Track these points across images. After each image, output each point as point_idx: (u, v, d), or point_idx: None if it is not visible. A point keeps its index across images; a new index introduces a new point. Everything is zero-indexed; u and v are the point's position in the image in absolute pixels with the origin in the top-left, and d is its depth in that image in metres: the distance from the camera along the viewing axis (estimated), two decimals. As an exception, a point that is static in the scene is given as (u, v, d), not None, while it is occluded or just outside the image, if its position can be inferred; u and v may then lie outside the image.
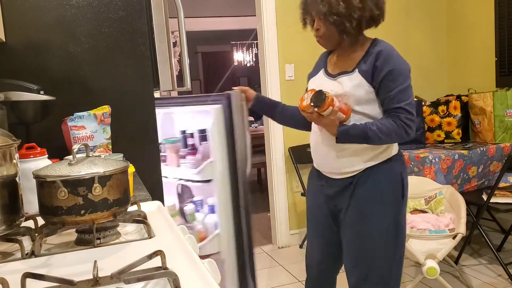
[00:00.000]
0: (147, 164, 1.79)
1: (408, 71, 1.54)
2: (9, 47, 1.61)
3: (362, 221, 1.59)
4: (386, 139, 1.51)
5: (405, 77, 1.52)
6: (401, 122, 1.49)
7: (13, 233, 0.90)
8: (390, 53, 1.56)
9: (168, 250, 0.78)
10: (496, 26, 3.34)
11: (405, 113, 1.50)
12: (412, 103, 1.52)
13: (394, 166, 1.59)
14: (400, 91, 1.50)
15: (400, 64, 1.54)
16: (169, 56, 1.79)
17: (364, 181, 1.57)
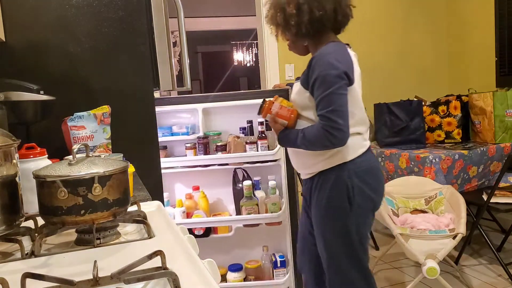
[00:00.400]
0: (147, 164, 1.79)
1: (334, 76, 1.47)
2: (9, 47, 1.61)
3: (315, 224, 1.67)
4: (311, 146, 1.54)
5: (329, 84, 1.47)
6: (323, 130, 1.48)
7: (13, 233, 0.90)
8: (319, 59, 1.52)
9: (168, 250, 0.78)
10: (496, 26, 3.34)
11: (325, 120, 1.48)
12: (336, 110, 1.46)
13: (341, 175, 1.56)
14: (322, 98, 1.48)
15: (325, 71, 1.49)
16: (169, 56, 1.79)
17: (316, 186, 1.62)
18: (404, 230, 2.31)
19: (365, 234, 1.64)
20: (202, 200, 2.49)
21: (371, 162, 1.62)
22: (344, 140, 1.49)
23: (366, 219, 1.62)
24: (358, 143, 1.60)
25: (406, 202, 2.72)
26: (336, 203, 1.57)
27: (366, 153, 1.62)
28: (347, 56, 1.55)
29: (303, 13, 1.56)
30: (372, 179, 1.60)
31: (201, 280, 0.69)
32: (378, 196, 1.64)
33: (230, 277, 2.50)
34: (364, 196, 1.58)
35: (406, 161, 2.89)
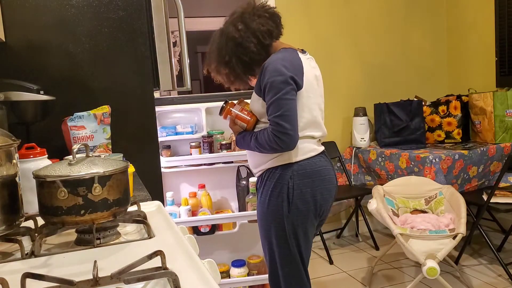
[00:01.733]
0: (147, 164, 1.79)
1: (281, 82, 1.50)
2: (9, 47, 1.61)
3: (258, 220, 1.72)
4: (262, 149, 1.58)
5: (276, 89, 1.51)
6: (272, 134, 1.52)
7: (13, 233, 0.90)
8: (268, 66, 1.55)
9: (168, 250, 0.78)
10: (496, 26, 3.34)
11: (273, 125, 1.52)
12: (283, 115, 1.50)
13: (284, 174, 1.59)
14: (271, 103, 1.52)
15: (272, 77, 1.52)
16: (169, 56, 1.79)
17: (262, 182, 1.66)
18: (404, 230, 2.31)
19: (303, 238, 1.63)
20: (206, 198, 2.53)
21: (318, 167, 1.62)
22: (291, 144, 1.52)
23: (305, 223, 1.61)
24: (308, 146, 1.62)
25: (406, 202, 2.72)
26: (276, 201, 1.60)
27: (315, 157, 1.63)
28: (296, 62, 1.57)
29: (235, 66, 1.65)
30: (315, 183, 1.60)
31: (201, 280, 0.69)
32: (320, 201, 1.62)
33: (234, 272, 2.54)
34: (304, 199, 1.58)
35: (406, 161, 2.89)
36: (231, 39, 1.61)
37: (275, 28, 1.65)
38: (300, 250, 1.64)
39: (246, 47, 1.60)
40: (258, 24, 1.61)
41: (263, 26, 1.61)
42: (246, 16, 1.63)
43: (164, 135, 2.51)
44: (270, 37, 1.63)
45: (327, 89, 3.53)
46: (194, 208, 2.50)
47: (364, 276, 2.80)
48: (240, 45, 1.61)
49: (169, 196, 2.43)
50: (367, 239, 3.45)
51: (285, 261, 1.65)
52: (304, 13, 3.40)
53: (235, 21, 1.63)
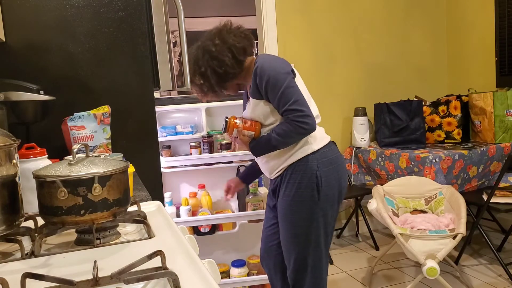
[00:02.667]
0: (147, 164, 1.79)
1: (283, 73, 1.61)
2: (9, 47, 1.61)
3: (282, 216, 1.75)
4: (289, 140, 1.65)
5: (281, 81, 1.60)
6: (293, 122, 1.60)
7: (13, 233, 0.90)
8: (262, 65, 1.64)
9: (168, 250, 0.78)
10: (496, 26, 3.34)
11: (292, 112, 1.60)
12: (297, 100, 1.59)
13: (310, 165, 1.66)
14: (281, 95, 1.60)
15: (273, 71, 1.62)
16: (169, 56, 1.79)
17: (284, 180, 1.71)
18: (404, 230, 2.31)
19: (330, 224, 1.75)
20: (206, 198, 2.53)
21: (335, 153, 1.74)
22: (313, 125, 1.61)
23: (332, 209, 1.72)
24: (321, 132, 1.74)
25: (406, 202, 2.72)
26: (304, 192, 1.67)
27: (329, 144, 1.74)
28: (278, 58, 1.72)
29: (210, 77, 1.74)
30: (337, 169, 1.71)
31: (201, 280, 0.69)
32: (343, 186, 1.75)
33: (234, 272, 2.55)
34: (331, 185, 1.68)
35: (406, 161, 2.89)
36: (207, 52, 1.72)
37: (249, 46, 1.76)
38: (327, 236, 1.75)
39: (221, 60, 1.71)
40: (234, 41, 1.72)
41: (238, 43, 1.72)
42: (224, 33, 1.73)
43: (164, 135, 2.52)
44: (244, 54, 1.74)
45: (327, 89, 3.55)
46: (194, 208, 2.51)
47: (364, 276, 2.80)
48: (216, 58, 1.71)
49: (167, 196, 2.43)
50: (367, 239, 3.45)
51: (314, 249, 1.73)
52: (304, 13, 3.40)
53: (213, 37, 1.74)
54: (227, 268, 2.58)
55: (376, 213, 2.48)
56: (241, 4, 5.66)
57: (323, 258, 1.77)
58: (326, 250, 1.77)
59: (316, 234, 1.71)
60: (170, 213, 2.39)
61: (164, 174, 2.50)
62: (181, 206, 2.48)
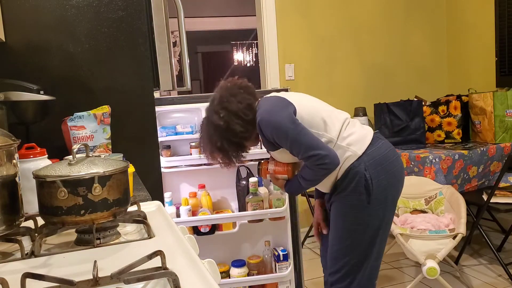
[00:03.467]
0: (147, 164, 1.79)
1: (284, 124, 1.55)
2: (9, 47, 1.61)
3: (333, 221, 1.70)
4: (316, 181, 1.63)
5: (285, 133, 1.56)
6: (313, 167, 1.57)
7: (13, 233, 0.90)
8: (262, 120, 1.60)
9: (168, 250, 0.78)
10: (496, 26, 3.34)
11: (308, 159, 1.56)
12: (308, 146, 1.54)
13: (358, 169, 1.59)
14: (291, 146, 1.57)
15: (274, 124, 1.57)
16: (169, 56, 1.79)
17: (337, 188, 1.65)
18: (404, 230, 2.31)
19: (385, 227, 1.64)
20: (206, 198, 2.54)
21: (384, 151, 1.62)
22: (334, 161, 1.54)
23: (384, 211, 1.62)
24: (359, 132, 1.63)
25: (406, 202, 2.72)
26: (352, 196, 1.60)
27: (376, 142, 1.62)
28: (277, 99, 1.64)
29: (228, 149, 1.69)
30: (387, 169, 1.61)
31: (201, 280, 0.69)
32: (397, 186, 1.65)
33: (234, 272, 2.55)
34: (382, 187, 1.59)
35: (406, 161, 2.89)
36: (217, 127, 1.66)
37: (252, 100, 1.70)
38: (378, 241, 1.65)
39: (232, 129, 1.65)
40: (237, 104, 1.65)
41: (241, 104, 1.66)
42: (224, 100, 1.67)
43: (164, 135, 2.52)
44: (250, 110, 1.67)
45: (327, 89, 3.54)
46: (194, 208, 2.51)
47: (364, 276, 2.80)
48: (227, 129, 1.65)
49: (167, 196, 2.43)
50: (367, 239, 3.44)
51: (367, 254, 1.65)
52: (304, 13, 3.40)
53: (216, 108, 1.67)
54: (227, 268, 2.58)
55: (376, 213, 2.48)
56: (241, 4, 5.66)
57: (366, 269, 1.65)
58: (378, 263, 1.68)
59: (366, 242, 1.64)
60: (170, 213, 2.39)
61: (164, 174, 2.49)
62: (181, 206, 2.48)
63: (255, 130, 1.66)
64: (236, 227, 2.57)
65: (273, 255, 2.60)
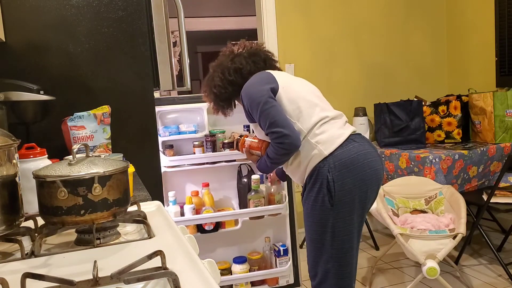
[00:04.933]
0: (147, 164, 1.79)
1: (258, 96, 1.61)
2: (9, 47, 1.61)
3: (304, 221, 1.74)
4: (277, 161, 1.66)
5: (256, 106, 1.62)
6: (274, 144, 1.61)
7: (13, 233, 0.90)
8: (243, 90, 1.70)
9: (168, 250, 0.78)
10: (496, 26, 3.34)
11: (271, 135, 1.60)
12: (273, 122, 1.58)
13: (322, 169, 1.59)
14: (259, 119, 1.63)
15: (250, 96, 1.65)
16: (169, 56, 1.79)
17: (306, 187, 1.66)
18: (404, 230, 2.31)
19: (349, 230, 1.61)
20: (208, 196, 2.57)
21: (353, 154, 1.58)
22: (294, 142, 1.57)
23: (351, 214, 1.60)
24: (332, 133, 1.61)
25: (406, 202, 2.72)
26: (317, 197, 1.60)
27: (346, 144, 1.60)
28: (264, 74, 1.70)
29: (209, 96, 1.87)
30: (354, 172, 1.57)
31: (201, 280, 0.69)
32: (364, 189, 1.60)
33: (235, 269, 2.59)
34: (346, 190, 1.56)
35: (406, 161, 2.89)
36: (209, 75, 1.85)
37: (249, 65, 1.78)
38: (347, 242, 1.63)
39: (213, 79, 1.82)
40: (229, 62, 1.79)
41: (232, 63, 1.78)
42: (226, 53, 1.83)
43: (167, 134, 2.54)
44: (236, 73, 1.77)
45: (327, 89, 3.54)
46: (197, 206, 2.56)
47: (364, 276, 2.80)
48: (211, 78, 1.83)
49: (171, 195, 2.46)
50: (367, 239, 3.45)
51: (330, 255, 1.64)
52: (304, 13, 3.40)
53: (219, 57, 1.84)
54: (229, 265, 2.64)
55: (376, 213, 2.48)
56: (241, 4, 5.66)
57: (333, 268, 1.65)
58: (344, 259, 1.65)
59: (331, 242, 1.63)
60: (174, 212, 2.45)
61: (167, 173, 2.54)
62: (185, 204, 2.52)
63: (236, 94, 1.78)
64: (238, 224, 2.62)
65: (273, 250, 2.66)
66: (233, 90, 1.78)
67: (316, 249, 1.66)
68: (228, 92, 1.79)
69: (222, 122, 2.66)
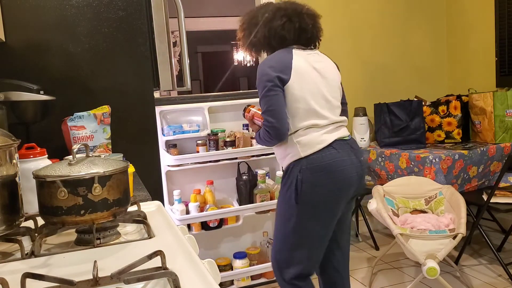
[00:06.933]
0: (147, 164, 1.79)
1: (264, 81, 1.66)
2: (9, 47, 1.61)
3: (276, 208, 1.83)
4: (263, 142, 1.75)
5: (261, 88, 1.67)
6: (263, 128, 1.69)
7: (13, 233, 0.90)
8: (260, 65, 1.72)
9: (168, 250, 0.78)
10: (496, 26, 3.34)
11: (264, 119, 1.68)
12: (268, 110, 1.65)
13: (295, 169, 1.67)
14: (260, 101, 1.69)
15: (259, 78, 1.69)
16: (169, 56, 1.79)
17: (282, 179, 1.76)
18: (404, 230, 2.31)
19: (313, 230, 1.70)
20: (210, 194, 2.62)
21: (327, 160, 1.65)
22: (279, 136, 1.66)
23: (316, 216, 1.68)
24: (314, 139, 1.67)
25: (406, 202, 2.72)
26: (286, 193, 1.70)
27: (325, 150, 1.66)
28: (283, 59, 1.69)
29: (246, 38, 1.84)
30: (325, 177, 1.65)
31: (201, 280, 0.69)
32: (333, 193, 1.67)
33: (237, 264, 2.66)
34: (314, 192, 1.65)
35: (406, 161, 2.89)
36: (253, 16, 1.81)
37: (294, 38, 1.75)
38: (306, 240, 1.72)
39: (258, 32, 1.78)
40: (279, 27, 1.74)
41: (282, 31, 1.74)
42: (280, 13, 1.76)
43: (171, 133, 2.57)
44: (280, 40, 1.75)
45: (327, 89, 3.52)
46: (200, 204, 2.60)
47: (364, 276, 2.80)
48: (256, 26, 1.78)
49: (176, 194, 2.50)
50: (367, 239, 3.45)
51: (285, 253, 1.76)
52: (304, 13, 3.40)
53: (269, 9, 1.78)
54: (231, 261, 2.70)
55: (376, 213, 2.48)
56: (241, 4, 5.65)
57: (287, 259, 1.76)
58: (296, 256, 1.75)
59: (291, 237, 1.72)
60: (180, 210, 2.50)
61: (170, 172, 2.56)
62: (190, 203, 2.55)
63: (268, 51, 1.80)
64: (240, 221, 2.69)
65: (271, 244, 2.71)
66: (269, 49, 1.80)
67: (277, 238, 1.78)
68: (264, 48, 1.81)
69: (222, 122, 2.73)
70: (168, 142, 2.59)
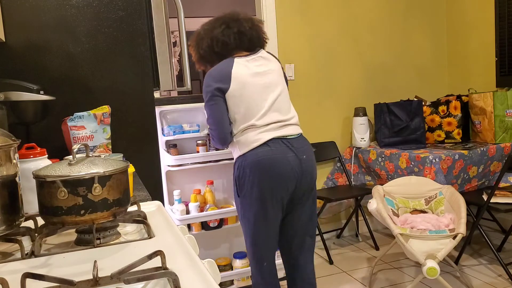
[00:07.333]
0: (147, 164, 1.79)
1: (204, 90, 1.84)
2: (9, 47, 1.61)
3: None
4: (215, 145, 2.02)
5: (205, 96, 1.86)
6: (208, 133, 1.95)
7: (13, 233, 0.90)
8: (207, 74, 1.88)
9: (168, 250, 0.78)
10: (496, 26, 3.34)
11: (208, 127, 1.91)
12: (209, 117, 1.87)
13: (235, 165, 1.89)
14: (204, 107, 1.89)
15: (204, 84, 1.85)
16: (169, 56, 1.79)
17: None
18: (404, 230, 2.31)
19: (255, 220, 1.85)
20: (209, 194, 2.62)
21: (259, 157, 1.80)
22: (221, 139, 1.86)
23: (252, 208, 1.84)
24: (250, 138, 1.82)
25: (406, 202, 2.72)
26: (233, 189, 1.92)
27: (259, 148, 1.81)
28: (224, 70, 1.82)
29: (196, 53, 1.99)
30: (258, 173, 1.80)
31: (201, 280, 0.69)
32: (265, 188, 1.80)
33: (237, 264, 2.66)
34: (251, 187, 1.82)
35: (406, 161, 2.89)
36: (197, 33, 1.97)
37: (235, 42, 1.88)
38: (253, 232, 1.88)
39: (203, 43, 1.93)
40: (220, 34, 1.88)
41: (222, 37, 1.88)
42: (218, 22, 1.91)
43: (171, 133, 2.58)
44: (223, 46, 1.88)
45: (327, 89, 3.54)
46: (200, 204, 2.59)
47: (364, 276, 2.80)
48: (201, 39, 1.93)
49: (176, 194, 2.50)
50: (367, 239, 3.45)
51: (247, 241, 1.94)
52: (304, 13, 3.40)
53: (209, 22, 1.95)
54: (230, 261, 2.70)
55: (376, 213, 2.48)
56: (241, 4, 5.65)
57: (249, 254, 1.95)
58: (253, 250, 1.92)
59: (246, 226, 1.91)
60: (180, 210, 2.51)
61: (171, 172, 2.57)
62: (190, 203, 2.55)
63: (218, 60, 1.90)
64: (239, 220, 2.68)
65: None
66: (217, 57, 1.91)
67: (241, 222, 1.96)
68: (212, 58, 1.93)
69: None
70: (168, 142, 2.60)
